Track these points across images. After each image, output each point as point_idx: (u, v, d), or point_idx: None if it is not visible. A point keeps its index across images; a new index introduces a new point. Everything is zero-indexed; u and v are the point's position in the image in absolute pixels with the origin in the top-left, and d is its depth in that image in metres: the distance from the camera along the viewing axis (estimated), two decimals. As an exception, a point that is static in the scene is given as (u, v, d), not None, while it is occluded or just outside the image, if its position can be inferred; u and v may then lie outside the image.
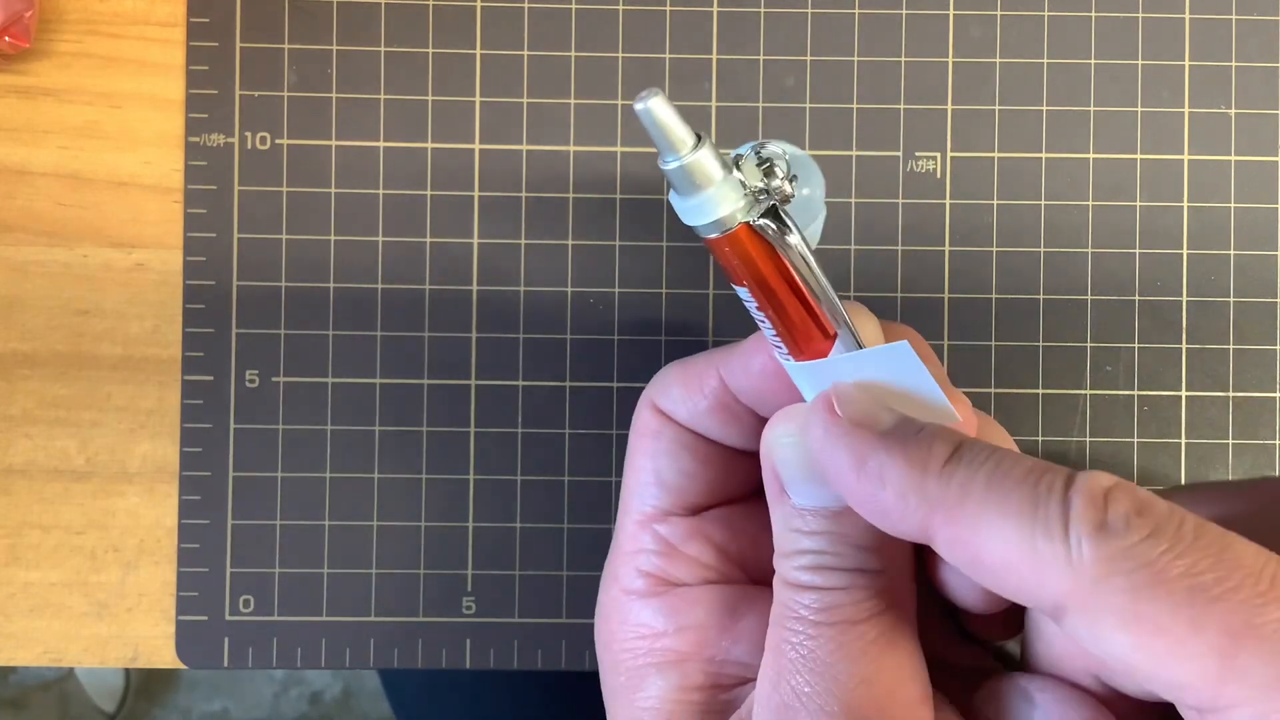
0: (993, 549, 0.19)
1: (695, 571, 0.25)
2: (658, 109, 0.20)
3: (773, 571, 0.23)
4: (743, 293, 0.22)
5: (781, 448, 0.23)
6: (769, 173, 0.22)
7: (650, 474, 0.25)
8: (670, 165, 0.21)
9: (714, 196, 0.21)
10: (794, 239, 0.22)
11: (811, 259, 0.22)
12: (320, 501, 0.32)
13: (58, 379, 0.32)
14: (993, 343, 0.32)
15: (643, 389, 0.26)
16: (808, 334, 0.22)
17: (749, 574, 0.26)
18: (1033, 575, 0.18)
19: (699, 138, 0.21)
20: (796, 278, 0.22)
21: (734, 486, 0.26)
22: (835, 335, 0.22)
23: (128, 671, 0.98)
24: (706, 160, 0.21)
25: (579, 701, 0.48)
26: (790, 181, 0.22)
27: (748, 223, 0.21)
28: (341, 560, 0.32)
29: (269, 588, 0.32)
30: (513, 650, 0.32)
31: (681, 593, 0.25)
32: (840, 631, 0.21)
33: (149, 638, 0.32)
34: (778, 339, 0.23)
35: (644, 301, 0.32)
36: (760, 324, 0.23)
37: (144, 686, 0.99)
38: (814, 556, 0.22)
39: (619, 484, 0.32)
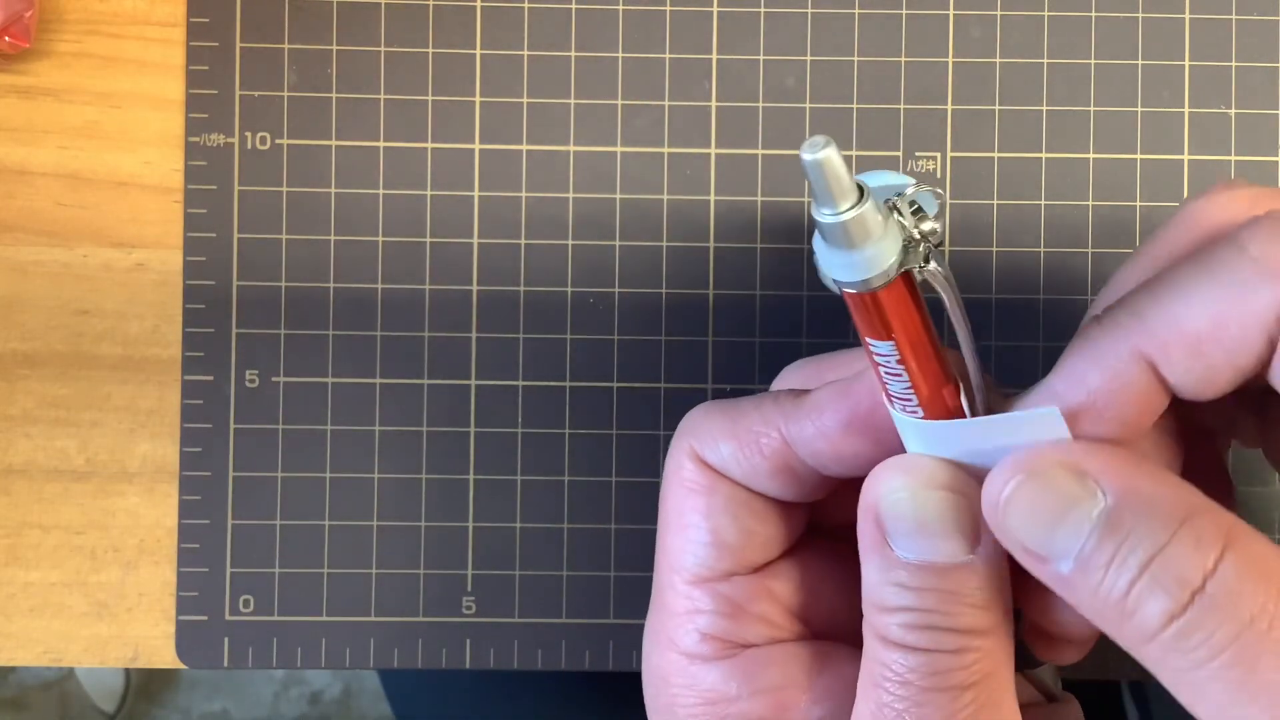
0: None
1: (764, 631, 0.24)
2: (831, 162, 0.18)
3: (839, 623, 0.22)
4: (883, 347, 0.20)
5: (894, 502, 0.21)
6: (919, 215, 0.20)
7: (707, 534, 0.24)
8: (829, 219, 0.19)
9: (877, 252, 0.19)
10: (948, 278, 0.20)
11: (960, 302, 0.20)
12: (320, 501, 0.32)
13: (58, 379, 0.32)
14: (993, 343, 0.32)
15: (642, 389, 0.26)
16: (940, 387, 0.21)
17: (811, 628, 0.25)
18: None
19: (862, 190, 0.19)
20: (929, 329, 0.20)
21: (788, 538, 0.25)
22: (957, 385, 0.21)
23: (128, 671, 0.98)
24: (871, 216, 0.19)
25: (579, 702, 0.48)
26: (937, 219, 0.20)
27: (908, 272, 0.19)
28: (341, 560, 0.32)
29: (269, 588, 0.32)
30: (513, 650, 0.32)
31: (753, 654, 0.24)
32: (951, 699, 0.20)
33: (149, 638, 0.32)
34: (909, 391, 0.21)
35: (644, 301, 0.32)
36: (891, 378, 0.21)
37: (144, 686, 0.99)
38: (918, 615, 0.21)
39: (619, 484, 0.32)
